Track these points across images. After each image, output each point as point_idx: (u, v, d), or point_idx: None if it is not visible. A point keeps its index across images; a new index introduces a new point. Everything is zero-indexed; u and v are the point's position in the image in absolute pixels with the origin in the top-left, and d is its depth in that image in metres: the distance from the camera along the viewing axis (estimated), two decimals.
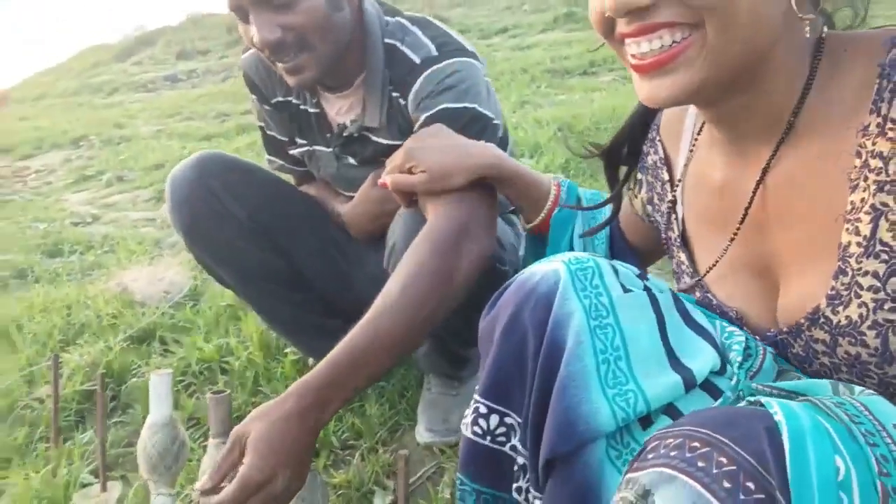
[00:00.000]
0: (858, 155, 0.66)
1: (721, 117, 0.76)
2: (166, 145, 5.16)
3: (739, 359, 0.74)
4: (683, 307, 0.78)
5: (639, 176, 1.00)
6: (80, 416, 1.72)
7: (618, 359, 0.70)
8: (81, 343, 2.03)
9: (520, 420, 0.76)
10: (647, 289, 0.77)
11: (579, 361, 0.69)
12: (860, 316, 0.67)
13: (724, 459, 0.51)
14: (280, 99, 1.47)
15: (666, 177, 0.93)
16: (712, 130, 0.81)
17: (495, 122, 1.27)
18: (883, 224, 0.64)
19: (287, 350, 1.76)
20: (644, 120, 0.96)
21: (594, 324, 0.71)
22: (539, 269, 0.77)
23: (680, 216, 0.90)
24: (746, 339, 0.77)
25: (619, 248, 1.10)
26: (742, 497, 0.49)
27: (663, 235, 0.95)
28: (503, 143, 1.37)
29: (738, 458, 0.50)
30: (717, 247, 0.82)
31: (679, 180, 0.90)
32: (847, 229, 0.67)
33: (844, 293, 0.67)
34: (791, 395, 0.67)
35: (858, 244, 0.66)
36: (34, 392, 1.81)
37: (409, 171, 1.07)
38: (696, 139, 0.87)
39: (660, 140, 0.94)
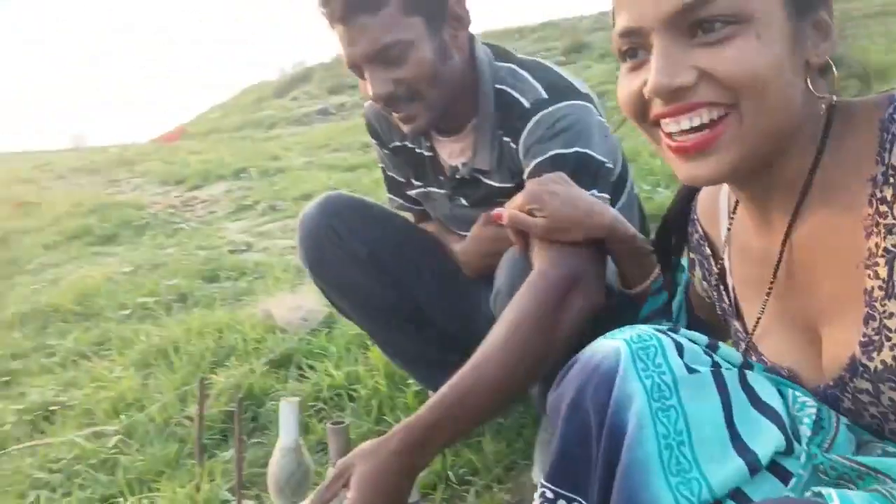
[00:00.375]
0: (870, 204, 0.69)
1: (749, 188, 0.78)
2: (315, 176, 5.49)
3: (809, 432, 0.71)
4: (749, 384, 0.74)
5: (690, 256, 1.00)
6: (223, 435, 1.86)
7: (681, 444, 0.68)
8: (229, 365, 2.20)
9: None
10: (714, 364, 0.74)
11: (641, 448, 0.68)
12: (894, 359, 0.66)
13: None
14: (397, 144, 1.54)
15: (708, 251, 0.93)
16: (742, 200, 0.83)
17: (608, 165, 1.26)
18: None
19: (410, 381, 1.81)
20: (685, 206, 0.98)
21: (657, 406, 0.70)
22: (601, 348, 0.76)
23: (730, 286, 0.90)
24: (819, 409, 0.73)
25: (694, 325, 1.08)
26: None
27: (718, 308, 0.94)
28: (620, 183, 1.35)
29: None
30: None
31: (721, 257, 0.90)
32: (869, 275, 0.69)
33: (876, 338, 0.67)
34: (870, 471, 0.65)
35: (880, 287, 0.68)
36: (186, 410, 1.98)
37: (529, 213, 1.08)
38: (732, 215, 0.88)
39: (697, 219, 0.95)
